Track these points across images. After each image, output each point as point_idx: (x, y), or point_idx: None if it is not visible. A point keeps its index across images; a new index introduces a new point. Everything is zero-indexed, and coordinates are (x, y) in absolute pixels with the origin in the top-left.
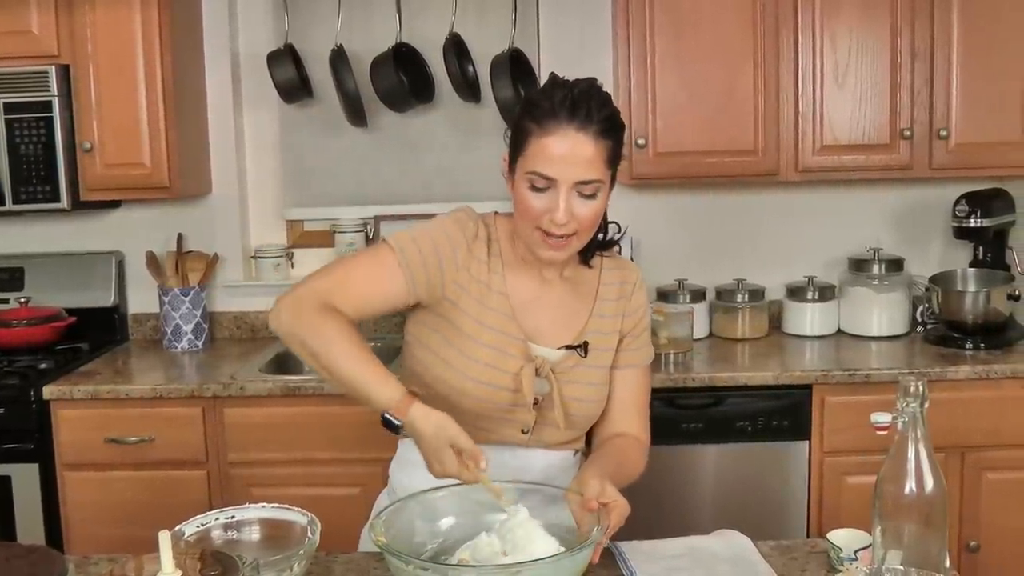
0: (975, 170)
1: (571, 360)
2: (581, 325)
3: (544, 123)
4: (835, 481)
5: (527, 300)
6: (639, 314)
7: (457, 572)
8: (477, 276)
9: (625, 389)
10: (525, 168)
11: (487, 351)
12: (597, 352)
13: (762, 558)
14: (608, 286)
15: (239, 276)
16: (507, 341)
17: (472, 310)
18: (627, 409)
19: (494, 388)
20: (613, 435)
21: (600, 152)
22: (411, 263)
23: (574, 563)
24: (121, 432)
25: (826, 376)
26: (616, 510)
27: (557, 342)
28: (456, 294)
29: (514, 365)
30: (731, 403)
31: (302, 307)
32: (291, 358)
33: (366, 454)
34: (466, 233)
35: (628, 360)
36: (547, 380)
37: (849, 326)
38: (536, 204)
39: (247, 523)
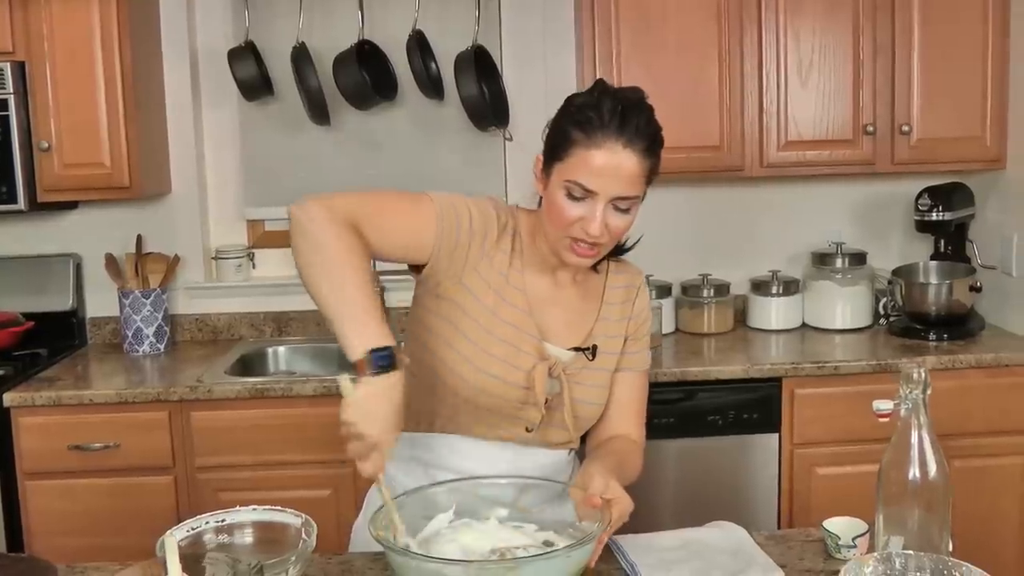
0: (936, 165)
1: (580, 362)
2: (589, 328)
3: (592, 134)
4: (805, 472)
5: (542, 299)
6: (641, 318)
7: (460, 567)
8: (499, 268)
9: (623, 392)
10: (565, 175)
11: (502, 346)
12: (602, 355)
13: (759, 548)
14: (614, 289)
15: (200, 277)
16: (522, 338)
17: (489, 302)
18: (625, 412)
19: (507, 384)
20: (611, 437)
21: (643, 169)
22: (446, 223)
23: (574, 558)
24: (85, 439)
25: (796, 368)
26: (618, 506)
27: (567, 343)
28: (475, 282)
29: (528, 362)
30: (701, 397)
31: (330, 213)
32: (257, 360)
33: (337, 455)
34: (498, 221)
35: (628, 363)
36: (558, 380)
37: (813, 319)
38: (571, 212)
39: (239, 526)
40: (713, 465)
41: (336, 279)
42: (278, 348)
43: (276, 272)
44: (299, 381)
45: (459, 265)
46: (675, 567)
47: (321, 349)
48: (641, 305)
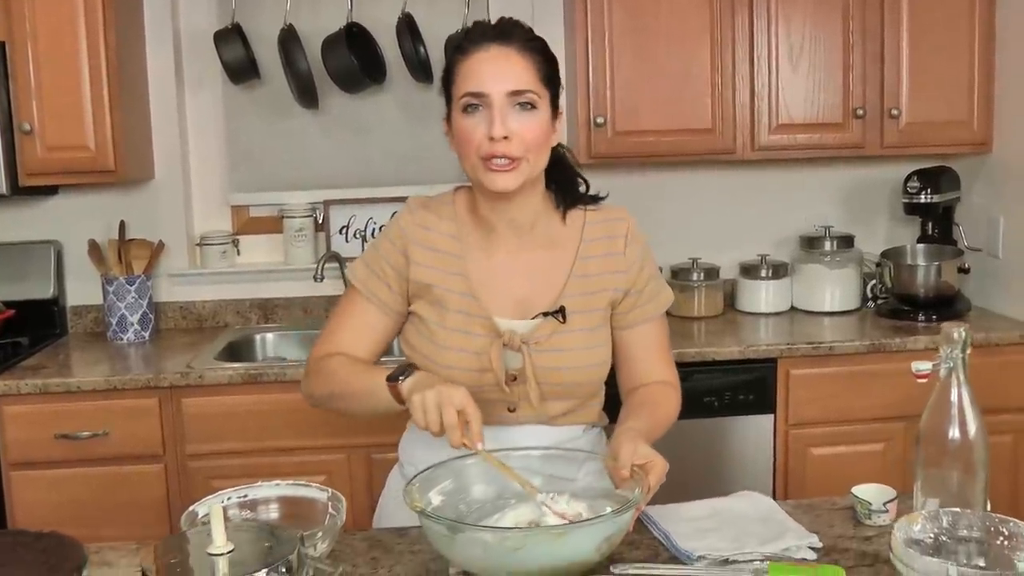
0: (924, 148)
1: (548, 328)
2: (559, 288)
3: (467, 48)
4: (800, 453)
5: (494, 273)
6: (637, 267)
7: (507, 535)
8: (434, 265)
9: (641, 345)
10: (457, 97)
11: (454, 335)
12: (580, 315)
13: (788, 516)
14: (592, 242)
15: (184, 264)
16: (471, 322)
17: (437, 299)
18: (650, 360)
19: (466, 371)
20: (642, 384)
21: (529, 64)
22: (372, 289)
23: (616, 525)
24: (73, 427)
25: (791, 349)
26: (654, 470)
27: (532, 311)
28: (418, 289)
29: (482, 344)
30: (697, 379)
31: (309, 372)
32: (245, 347)
33: (331, 441)
34: (406, 232)
35: (641, 316)
36: (519, 353)
37: (802, 302)
38: (473, 129)
39: (263, 501)
40: (708, 446)
41: (349, 391)
42: (266, 335)
43: (261, 258)
44: (292, 366)
45: (404, 289)
46: (709, 535)
47: (309, 336)
48: (635, 254)
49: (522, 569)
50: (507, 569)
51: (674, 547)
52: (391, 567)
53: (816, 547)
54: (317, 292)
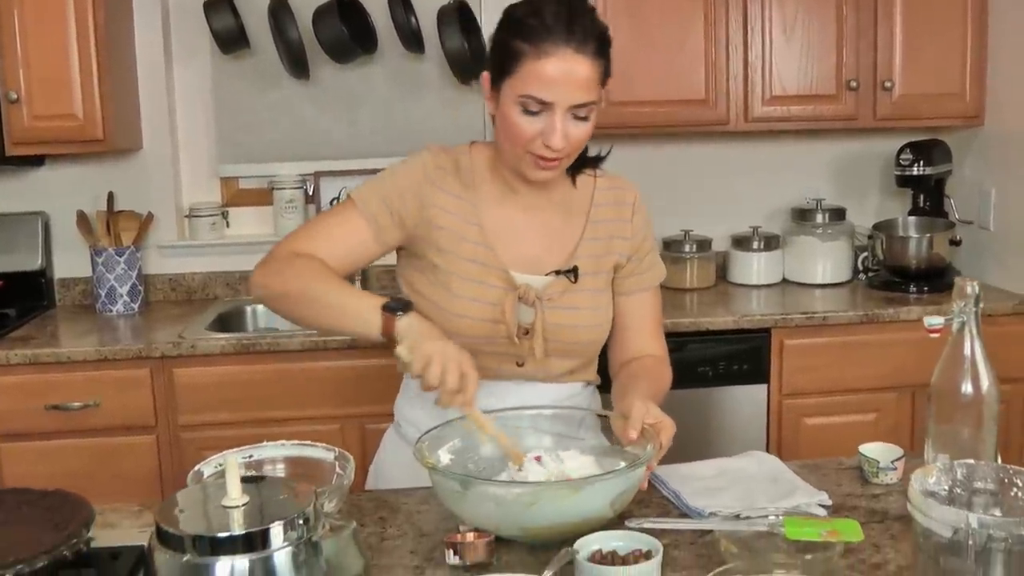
0: (917, 120)
1: (560, 286)
2: (571, 249)
3: (540, 45)
4: (794, 423)
5: (509, 228)
6: (640, 236)
7: (522, 490)
8: (449, 209)
9: (638, 312)
10: (517, 91)
11: (469, 284)
12: (589, 276)
13: (795, 475)
14: (602, 207)
15: (173, 236)
16: (487, 272)
17: (449, 245)
18: (643, 331)
19: (479, 321)
20: (634, 358)
21: (596, 72)
22: (375, 211)
23: (629, 480)
24: (63, 398)
25: (785, 319)
26: (664, 430)
27: (545, 268)
28: (429, 232)
29: (497, 295)
30: (691, 349)
31: (272, 261)
32: (236, 318)
33: (325, 411)
34: (427, 170)
35: (638, 284)
36: (533, 308)
37: (794, 274)
38: (528, 128)
39: (269, 462)
40: (702, 416)
41: (320, 300)
42: (256, 307)
43: (250, 230)
44: (285, 336)
45: (411, 231)
46: (719, 494)
47: None
48: (640, 222)
49: (535, 525)
50: (520, 525)
51: (684, 505)
52: (399, 525)
53: (826, 504)
54: None
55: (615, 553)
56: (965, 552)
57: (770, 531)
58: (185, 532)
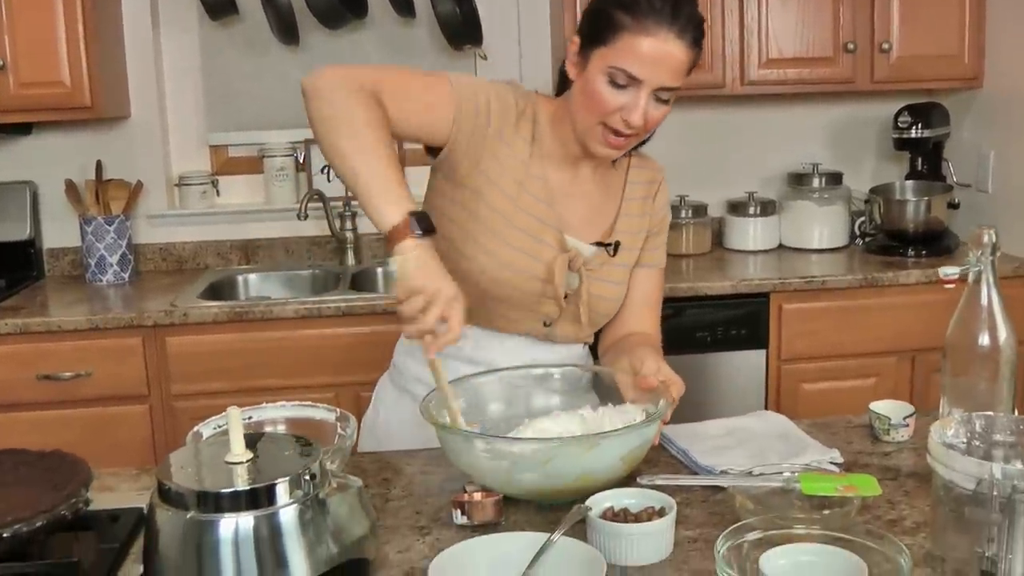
0: (916, 83)
1: (600, 258)
2: (610, 223)
3: (643, 21)
4: (792, 388)
5: (563, 190)
6: (661, 213)
7: (538, 446)
8: (519, 155)
9: (639, 289)
10: (609, 61)
11: (522, 237)
12: (624, 252)
13: (805, 433)
14: (635, 185)
15: (163, 205)
16: (543, 229)
17: (509, 189)
18: (642, 308)
19: (525, 276)
20: (628, 334)
21: (689, 59)
22: (465, 103)
23: (643, 436)
24: (55, 368)
25: (783, 284)
26: (675, 386)
27: (589, 237)
28: (494, 168)
29: (548, 254)
30: (689, 314)
31: (353, 81)
32: (227, 287)
33: (319, 379)
34: (517, 106)
35: (648, 259)
36: (578, 275)
37: (790, 240)
38: (611, 100)
39: (269, 423)
40: (700, 382)
41: (365, 149)
42: (248, 276)
43: (241, 199)
44: (279, 303)
45: (478, 149)
46: (728, 452)
47: (293, 276)
48: (662, 200)
49: (547, 483)
50: (532, 483)
51: (694, 463)
52: (404, 487)
53: (838, 462)
54: (300, 232)
55: (627, 511)
56: (989, 503)
57: (785, 487)
58: (188, 488)
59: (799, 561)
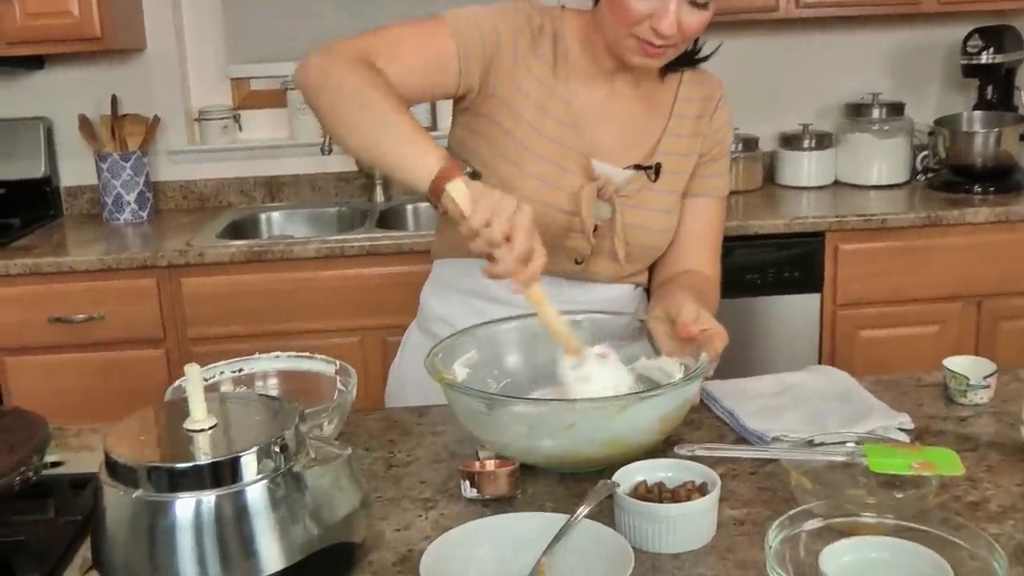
0: (986, 3)
1: (638, 183)
2: (652, 144)
3: None
4: (848, 335)
5: (593, 111)
6: (720, 135)
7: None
8: (538, 75)
9: (696, 221)
10: None
11: (543, 165)
12: (669, 176)
13: (869, 393)
14: (687, 102)
15: (183, 141)
16: (567, 155)
17: (528, 115)
18: (698, 244)
19: (548, 208)
20: (680, 272)
21: None
22: (466, 38)
23: (682, 396)
24: (67, 310)
25: (840, 222)
26: (717, 338)
27: (624, 161)
28: (510, 92)
29: (573, 183)
30: (739, 255)
31: (336, 59)
32: (249, 226)
33: (343, 323)
34: (531, 23)
35: (703, 188)
36: (609, 204)
37: (847, 175)
38: (638, 7)
39: (261, 376)
40: (749, 327)
41: (379, 117)
42: (271, 213)
43: (264, 134)
44: (299, 242)
45: (490, 77)
46: (781, 415)
47: (319, 214)
48: (721, 120)
49: (571, 450)
50: (554, 450)
51: (742, 427)
52: (410, 450)
53: (907, 428)
54: (326, 168)
55: (663, 485)
56: None
57: (848, 461)
58: (138, 462)
59: (867, 558)
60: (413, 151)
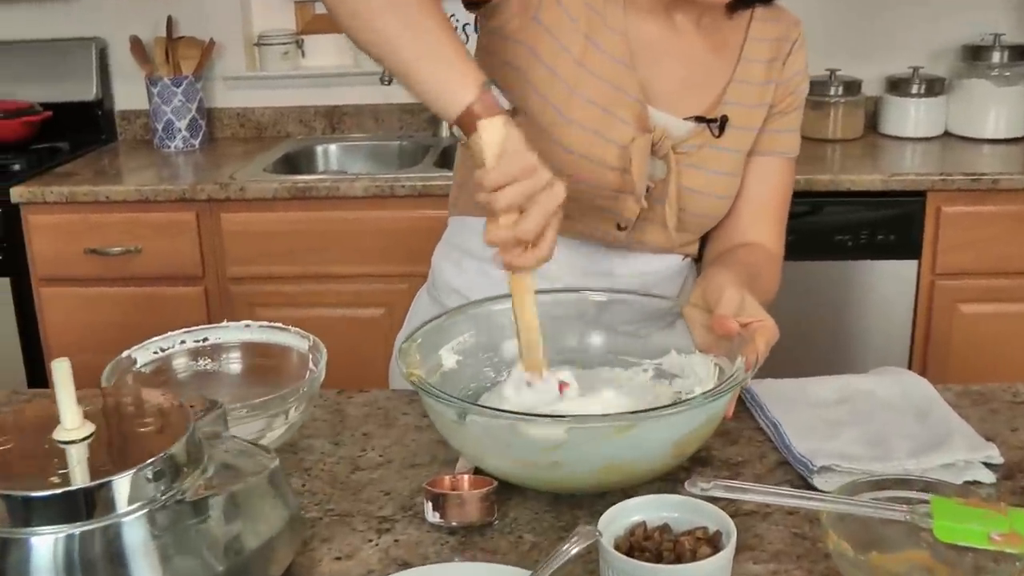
0: None
1: (699, 138)
2: (717, 92)
3: None
4: (947, 309)
5: (650, 48)
6: (794, 83)
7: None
8: (590, 2)
9: (760, 183)
10: None
11: (589, 110)
12: (735, 131)
13: (951, 409)
14: (758, 42)
15: (241, 67)
16: (618, 99)
17: (575, 47)
18: (760, 211)
19: (592, 163)
20: (738, 245)
21: None
22: None
23: (706, 413)
24: (102, 242)
25: (945, 181)
26: (763, 333)
27: (684, 111)
28: (553, 18)
29: (624, 134)
30: (828, 212)
31: None
32: (304, 158)
33: (393, 268)
34: None
35: (771, 144)
36: (664, 162)
37: (959, 126)
38: None
39: (225, 349)
40: (836, 294)
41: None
42: (329, 146)
43: (328, 61)
44: (347, 180)
45: None
46: (838, 432)
47: (380, 148)
48: (796, 66)
49: (560, 475)
50: (538, 474)
51: (786, 446)
52: (385, 449)
53: (994, 463)
54: (391, 99)
55: (666, 530)
56: None
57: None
58: None
59: None
60: (447, 78)
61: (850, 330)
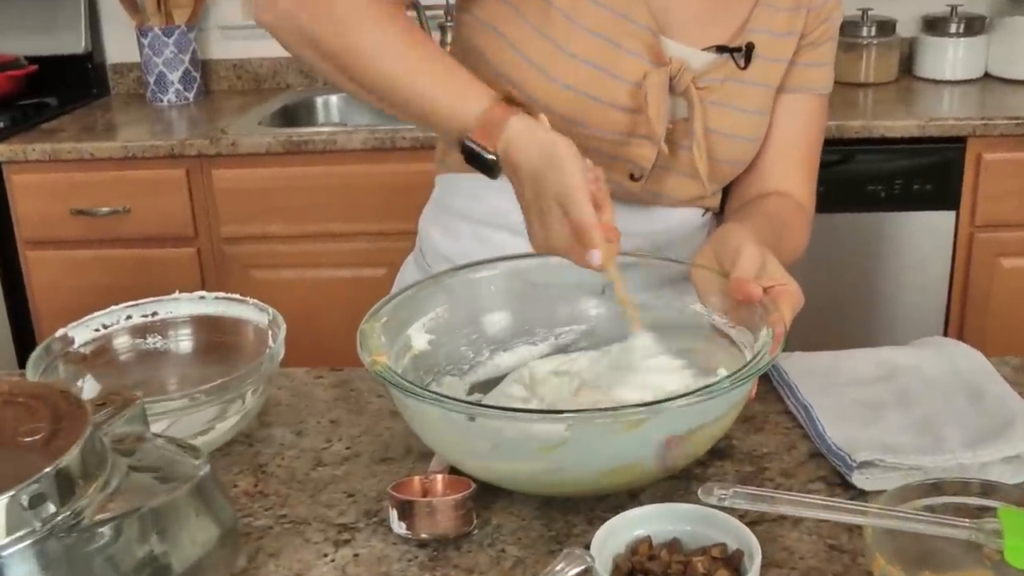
0: None
1: (722, 71)
2: (741, 18)
3: None
4: (987, 263)
5: None
6: (827, 9)
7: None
8: None
9: (789, 124)
10: None
11: (593, 43)
12: (762, 63)
13: (1010, 388)
14: None
15: (237, 16)
16: (626, 29)
17: None
18: (788, 156)
19: (599, 104)
20: (763, 194)
21: None
22: None
23: (731, 399)
24: (89, 201)
25: (986, 126)
26: (787, 298)
27: (703, 41)
28: None
29: (635, 69)
30: (861, 160)
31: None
32: (303, 111)
33: (394, 226)
34: None
35: (800, 79)
36: (684, 99)
37: (1001, 68)
38: None
39: (174, 324)
40: (868, 248)
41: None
42: (329, 97)
43: None
44: (345, 132)
45: None
46: (880, 417)
47: None
48: None
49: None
50: (530, 475)
51: (819, 435)
52: (354, 439)
53: None
54: None
55: (676, 546)
56: None
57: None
58: None
59: None
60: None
61: (882, 288)
